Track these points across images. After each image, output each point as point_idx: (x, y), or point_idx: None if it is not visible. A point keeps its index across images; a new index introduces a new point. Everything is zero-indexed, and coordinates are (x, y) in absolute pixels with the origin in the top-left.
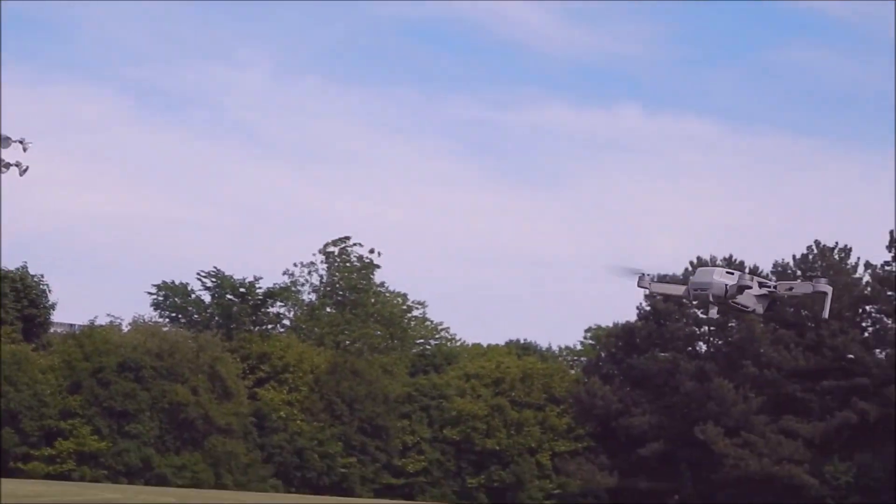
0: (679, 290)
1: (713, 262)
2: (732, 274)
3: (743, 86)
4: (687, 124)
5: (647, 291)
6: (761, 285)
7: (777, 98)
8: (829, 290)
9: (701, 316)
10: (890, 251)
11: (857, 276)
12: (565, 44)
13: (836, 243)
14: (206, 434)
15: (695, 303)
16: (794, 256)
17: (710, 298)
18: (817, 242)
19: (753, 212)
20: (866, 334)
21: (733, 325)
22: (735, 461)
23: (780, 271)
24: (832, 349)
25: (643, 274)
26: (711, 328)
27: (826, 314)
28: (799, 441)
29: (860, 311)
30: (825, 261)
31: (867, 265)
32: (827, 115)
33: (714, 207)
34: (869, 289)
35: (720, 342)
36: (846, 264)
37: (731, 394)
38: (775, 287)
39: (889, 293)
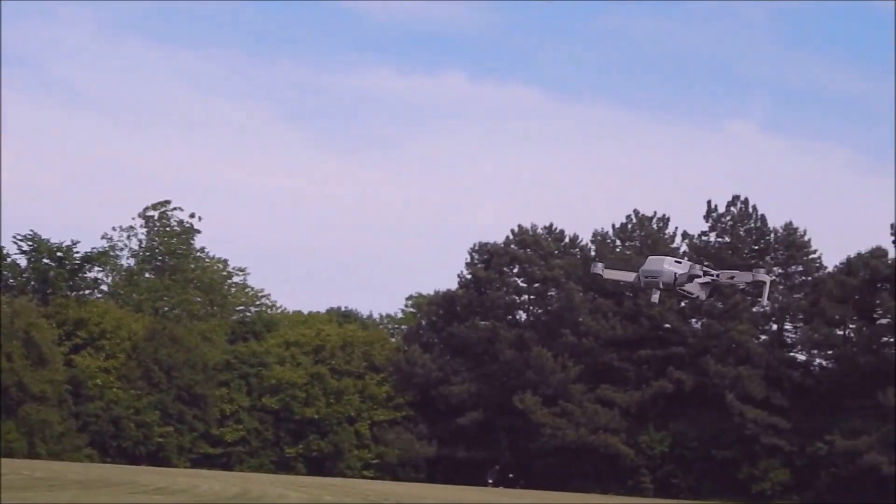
0: (630, 276)
1: (534, 230)
2: (681, 263)
3: (567, 54)
4: (511, 91)
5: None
6: (705, 273)
7: (600, 67)
8: (767, 279)
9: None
10: (707, 221)
11: (674, 245)
12: (391, 9)
13: (655, 213)
14: (19, 402)
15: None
16: (613, 225)
17: (660, 286)
18: (636, 212)
19: (576, 180)
20: (682, 304)
21: (552, 294)
22: (552, 430)
23: (600, 240)
24: (649, 319)
25: (595, 262)
26: (531, 297)
27: (765, 301)
28: (615, 410)
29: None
30: (643, 230)
31: (685, 235)
32: (647, 84)
33: (537, 175)
34: (686, 258)
35: (539, 311)
36: (664, 234)
37: (549, 363)
38: (718, 276)
39: (706, 263)
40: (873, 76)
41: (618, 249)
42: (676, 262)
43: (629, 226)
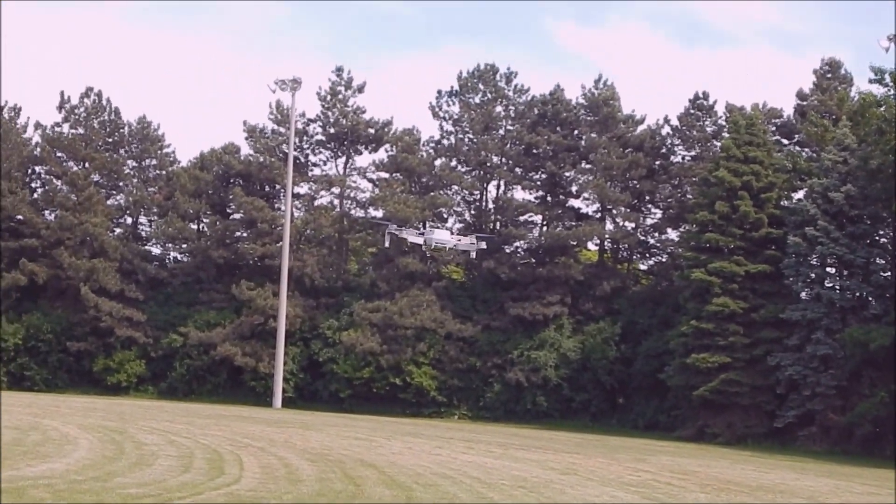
0: (421, 240)
1: None
2: (452, 235)
3: None
4: None
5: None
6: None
7: None
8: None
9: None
10: (60, 112)
11: (26, 136)
12: None
13: (6, 102)
14: None
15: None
16: None
17: (445, 248)
18: None
19: None
20: (36, 196)
21: None
22: None
23: None
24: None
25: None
26: None
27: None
28: None
29: (30, 171)
30: None
31: (38, 125)
32: None
33: None
34: (39, 150)
35: None
36: (16, 124)
37: None
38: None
39: (59, 154)
40: None
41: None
42: (451, 235)
43: None
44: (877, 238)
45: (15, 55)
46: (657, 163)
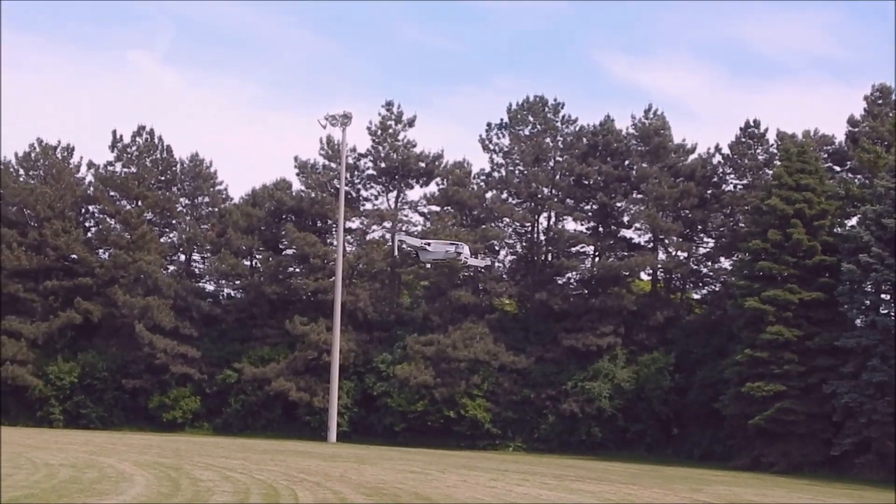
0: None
1: None
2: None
3: None
4: None
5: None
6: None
7: None
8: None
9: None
10: (113, 151)
11: (79, 175)
12: None
13: (59, 142)
14: None
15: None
16: (16, 154)
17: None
18: (40, 140)
19: None
20: (90, 234)
21: None
22: None
23: (3, 169)
24: (55, 249)
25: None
26: None
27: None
28: (23, 342)
29: (83, 210)
30: (48, 159)
31: (90, 165)
32: (42, 8)
33: None
34: (92, 189)
35: None
36: (69, 163)
37: None
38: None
39: (112, 193)
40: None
41: (21, 179)
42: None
43: (33, 155)
44: None
45: (68, 96)
46: (709, 192)
